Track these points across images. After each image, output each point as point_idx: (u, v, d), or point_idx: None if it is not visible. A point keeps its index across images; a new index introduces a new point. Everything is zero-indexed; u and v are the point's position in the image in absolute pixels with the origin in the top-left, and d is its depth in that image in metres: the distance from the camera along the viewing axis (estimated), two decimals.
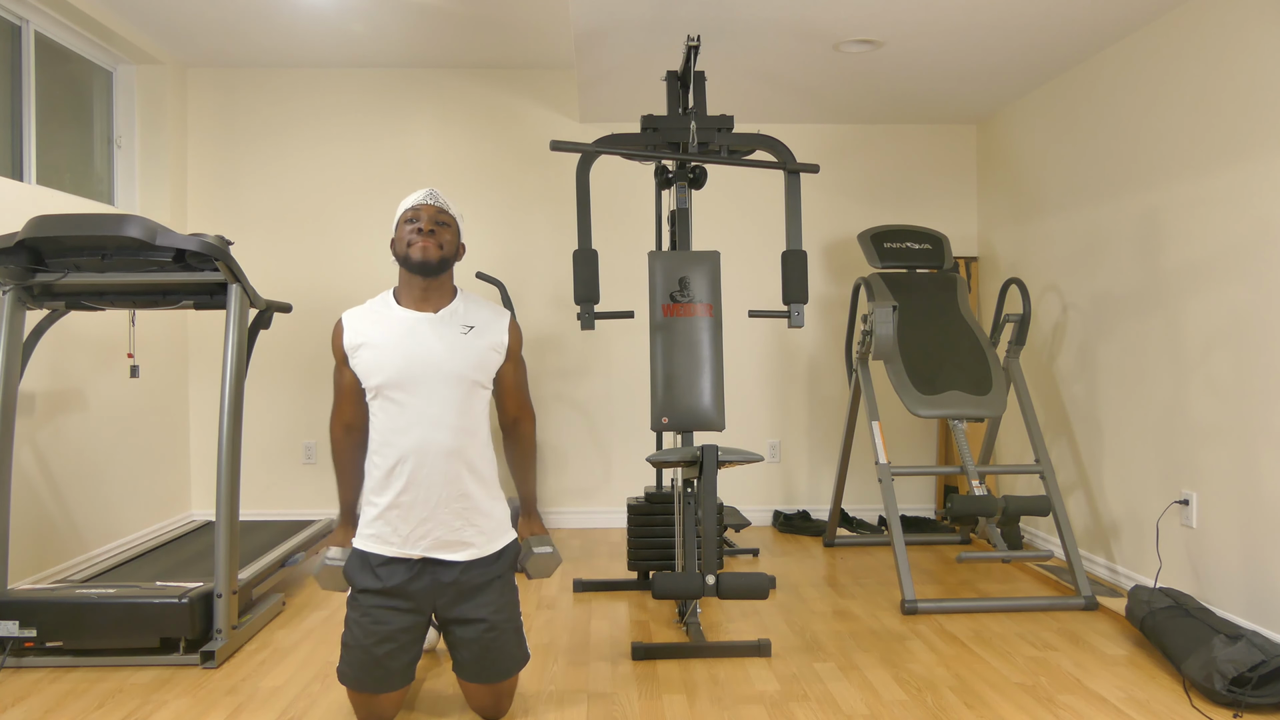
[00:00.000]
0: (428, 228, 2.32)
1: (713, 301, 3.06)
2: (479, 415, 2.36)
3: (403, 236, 2.34)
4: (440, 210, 2.36)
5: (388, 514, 2.29)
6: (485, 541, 2.36)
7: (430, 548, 2.30)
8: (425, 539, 2.29)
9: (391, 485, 2.29)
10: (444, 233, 2.34)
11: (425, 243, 2.31)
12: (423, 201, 2.35)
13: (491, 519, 2.37)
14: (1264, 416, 2.89)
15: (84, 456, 3.84)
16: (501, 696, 2.39)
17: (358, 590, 2.32)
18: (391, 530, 2.30)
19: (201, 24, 4.17)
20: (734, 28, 3.52)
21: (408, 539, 2.29)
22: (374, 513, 2.31)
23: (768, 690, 2.62)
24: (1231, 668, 2.45)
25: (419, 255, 2.30)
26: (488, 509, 2.36)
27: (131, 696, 2.58)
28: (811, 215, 4.98)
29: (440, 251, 2.32)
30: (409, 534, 2.29)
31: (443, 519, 2.29)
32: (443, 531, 2.29)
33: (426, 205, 2.35)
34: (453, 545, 2.31)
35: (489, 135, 4.83)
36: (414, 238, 2.31)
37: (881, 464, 3.59)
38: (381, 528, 2.30)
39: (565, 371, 4.86)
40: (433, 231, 2.32)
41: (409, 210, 2.36)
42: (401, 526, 2.29)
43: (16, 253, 2.80)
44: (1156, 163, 3.43)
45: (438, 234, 2.32)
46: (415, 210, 2.34)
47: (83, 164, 4.25)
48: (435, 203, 2.36)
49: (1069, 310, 4.06)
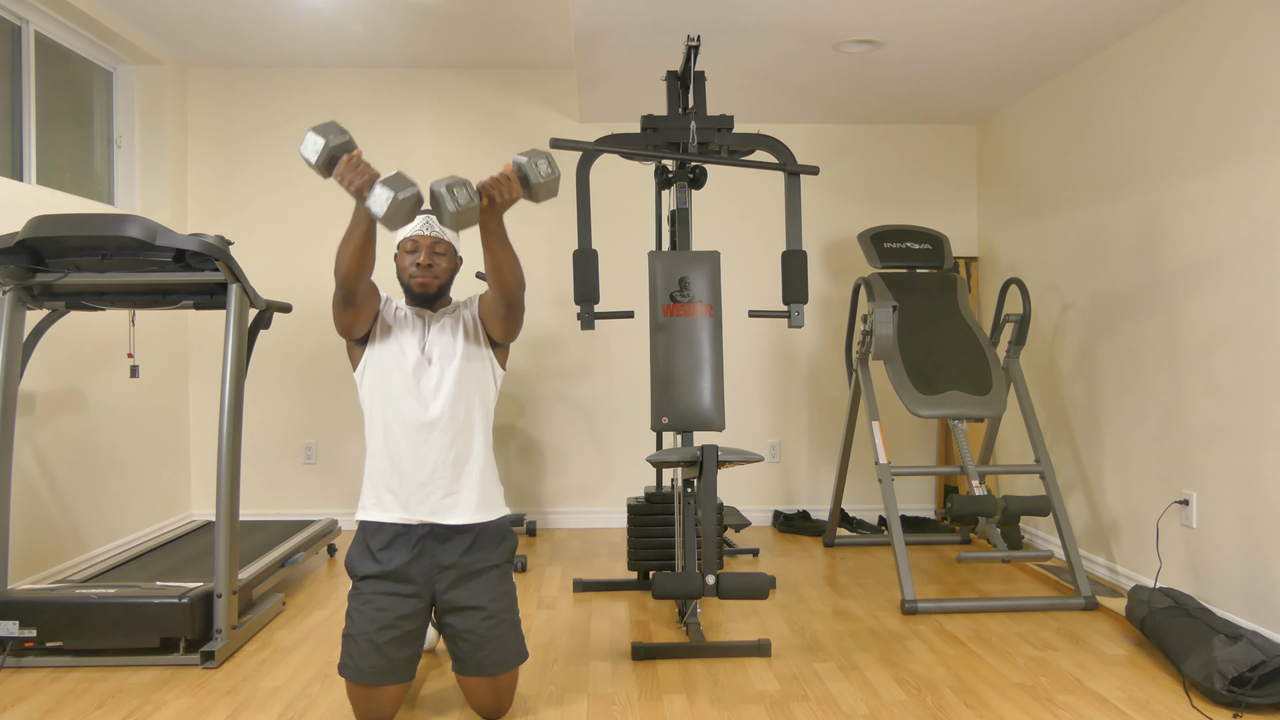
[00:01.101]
0: (426, 261, 2.45)
1: (713, 301, 3.06)
2: (476, 389, 2.45)
3: (403, 265, 2.48)
4: (437, 240, 2.47)
5: (389, 480, 2.39)
6: (480, 504, 2.42)
7: (430, 513, 2.37)
8: (424, 504, 2.37)
9: (390, 454, 2.39)
10: (441, 261, 2.48)
11: (424, 278, 2.46)
12: (420, 233, 2.46)
13: (488, 490, 2.45)
14: (1264, 416, 2.89)
15: (84, 456, 3.85)
16: (501, 693, 2.40)
17: (359, 578, 2.38)
18: (393, 497, 2.38)
19: (201, 24, 4.17)
20: (734, 28, 3.52)
21: (407, 504, 2.37)
22: (375, 481, 2.41)
23: (768, 690, 2.62)
24: (1231, 668, 2.45)
25: (419, 290, 2.47)
26: (484, 479, 2.45)
27: (131, 696, 2.58)
28: (811, 215, 4.98)
29: (438, 282, 2.48)
30: (408, 499, 2.37)
31: (440, 483, 2.38)
32: (440, 496, 2.38)
33: (424, 237, 2.46)
34: (450, 508, 2.39)
35: (489, 135, 4.83)
36: (414, 271, 2.45)
37: (881, 464, 3.59)
38: (383, 494, 2.40)
39: (565, 371, 4.86)
40: (430, 266, 2.45)
41: (408, 241, 2.47)
42: (400, 492, 2.38)
43: (16, 253, 2.80)
44: (1156, 163, 3.43)
45: (435, 266, 2.46)
46: (414, 241, 2.46)
47: (83, 164, 4.25)
48: (432, 233, 2.46)
49: (1069, 310, 4.06)
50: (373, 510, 2.41)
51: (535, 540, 4.58)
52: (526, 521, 4.75)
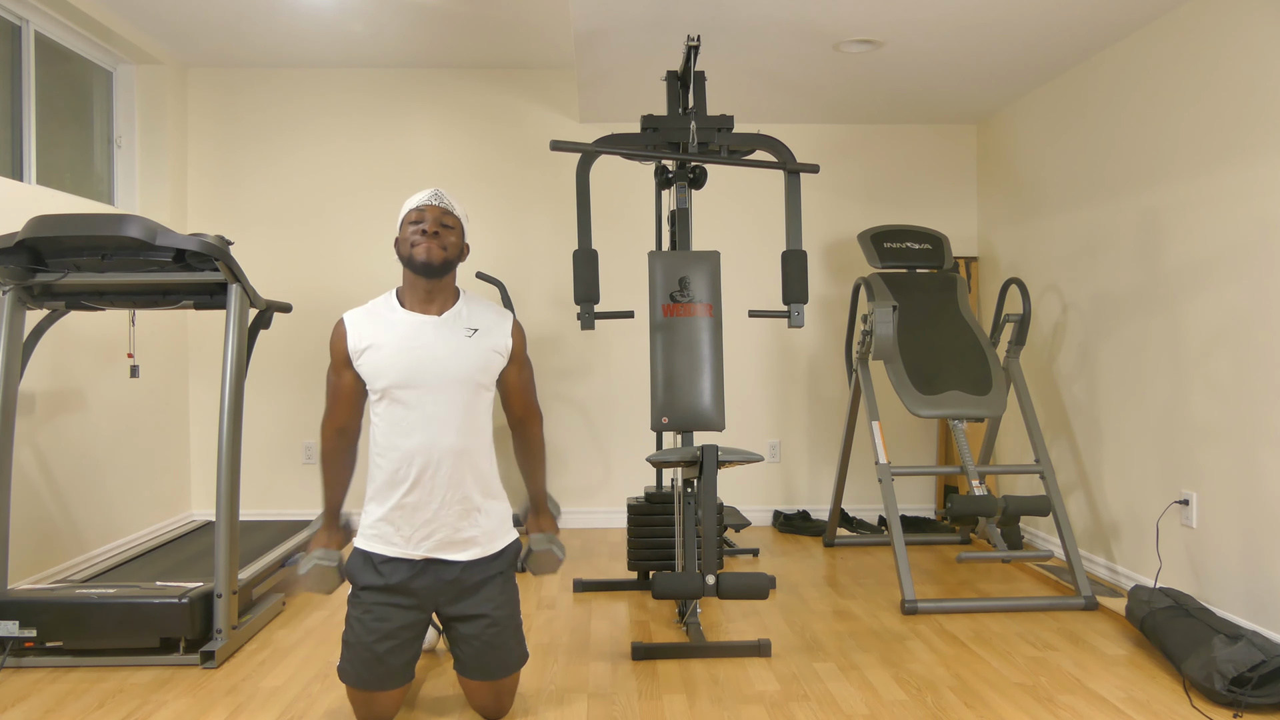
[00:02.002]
0: (432, 229, 2.29)
1: (713, 301, 3.06)
2: (483, 416, 2.38)
3: (407, 237, 2.32)
4: (445, 211, 2.34)
5: (392, 515, 2.30)
6: (487, 540, 2.37)
7: (433, 549, 2.31)
8: (428, 540, 2.30)
9: (396, 487, 2.29)
10: (448, 235, 2.32)
11: (429, 244, 2.29)
12: (427, 202, 2.33)
13: (493, 518, 2.38)
14: (1264, 416, 2.89)
15: (84, 456, 3.84)
16: (502, 694, 2.40)
17: (360, 587, 2.33)
18: (395, 531, 2.31)
19: (201, 24, 4.17)
20: (734, 28, 3.51)
21: (410, 539, 2.30)
22: (378, 514, 2.32)
23: (768, 690, 2.62)
24: (1231, 668, 2.45)
25: (423, 256, 2.29)
26: (490, 509, 2.38)
27: (131, 696, 2.58)
28: (811, 215, 4.98)
29: (444, 254, 2.31)
30: (412, 535, 2.30)
31: (446, 520, 2.30)
32: (446, 532, 2.31)
33: (431, 206, 2.32)
34: (455, 545, 2.32)
35: (489, 135, 4.83)
36: (418, 239, 2.30)
37: (881, 464, 3.59)
38: (385, 528, 2.31)
39: (565, 371, 4.86)
40: (437, 234, 2.30)
41: (414, 211, 2.33)
42: (405, 528, 2.30)
43: (16, 253, 2.80)
44: (1156, 163, 3.43)
45: (442, 236, 2.30)
46: (420, 211, 2.32)
47: (83, 164, 4.25)
48: (440, 204, 2.33)
49: (1069, 310, 4.06)
50: (374, 542, 2.32)
51: None
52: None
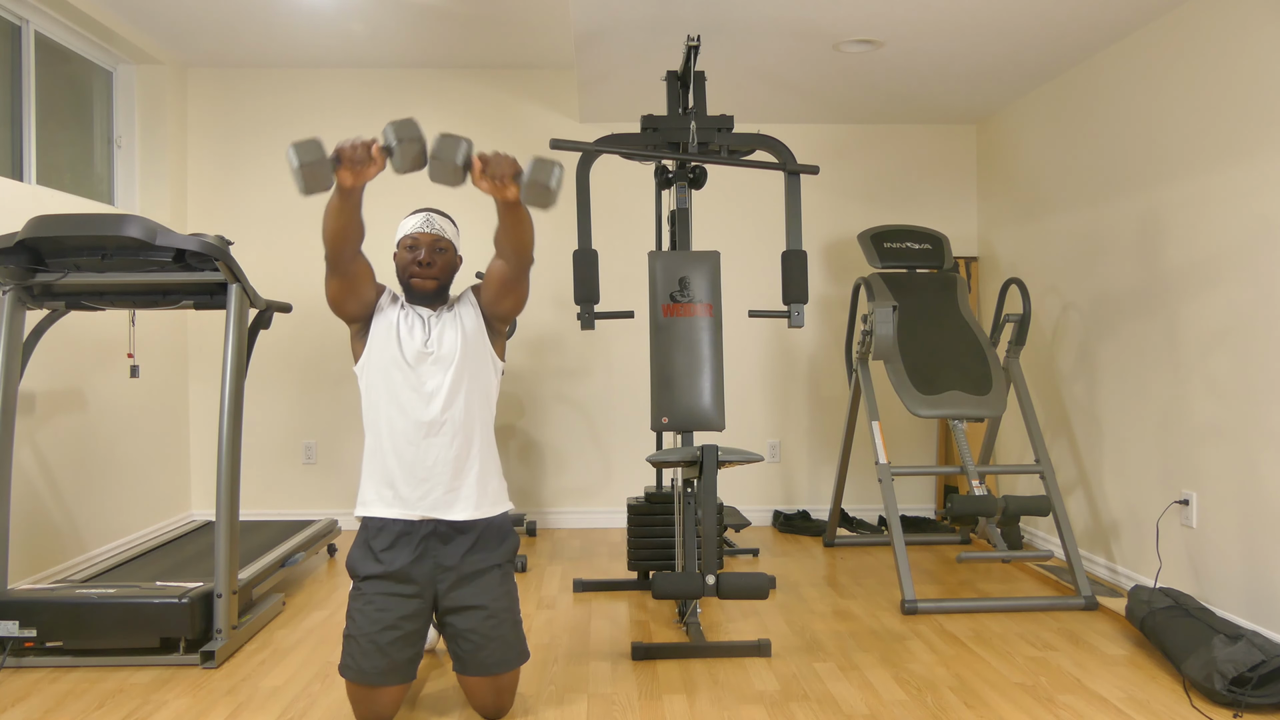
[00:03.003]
0: (426, 259, 2.44)
1: (713, 301, 3.06)
2: (479, 389, 2.45)
3: (403, 264, 2.47)
4: (437, 238, 2.47)
5: (389, 475, 2.39)
6: (481, 501, 2.42)
7: (430, 508, 2.37)
8: (425, 499, 2.37)
9: (390, 450, 2.38)
10: (441, 259, 2.47)
11: (424, 276, 2.45)
12: (421, 230, 2.46)
13: (489, 485, 2.45)
14: (1264, 416, 2.89)
15: (84, 456, 3.84)
16: (502, 692, 2.40)
17: (361, 579, 2.38)
18: (392, 493, 2.38)
19: (201, 24, 4.17)
20: (734, 28, 3.52)
21: (407, 500, 2.37)
22: (374, 475, 2.41)
23: (768, 690, 2.62)
24: (1231, 668, 2.45)
25: (419, 289, 2.46)
26: (486, 475, 2.44)
27: (131, 696, 2.58)
28: (811, 215, 4.98)
29: (437, 282, 2.47)
30: (409, 494, 2.37)
31: (440, 479, 2.38)
32: (441, 492, 2.38)
33: (424, 234, 2.46)
34: (451, 503, 2.38)
35: (489, 135, 4.83)
36: (415, 269, 2.45)
37: (881, 464, 3.59)
38: (383, 489, 2.39)
39: (565, 371, 4.86)
40: (430, 264, 2.45)
41: (408, 238, 2.47)
42: (401, 487, 2.37)
43: (16, 253, 2.80)
44: (1156, 162, 3.43)
45: (435, 264, 2.45)
46: (414, 239, 2.46)
47: (83, 164, 4.25)
48: (432, 230, 2.46)
49: (1069, 310, 4.06)
50: (374, 505, 2.40)
51: (535, 540, 4.58)
52: (526, 521, 4.75)
